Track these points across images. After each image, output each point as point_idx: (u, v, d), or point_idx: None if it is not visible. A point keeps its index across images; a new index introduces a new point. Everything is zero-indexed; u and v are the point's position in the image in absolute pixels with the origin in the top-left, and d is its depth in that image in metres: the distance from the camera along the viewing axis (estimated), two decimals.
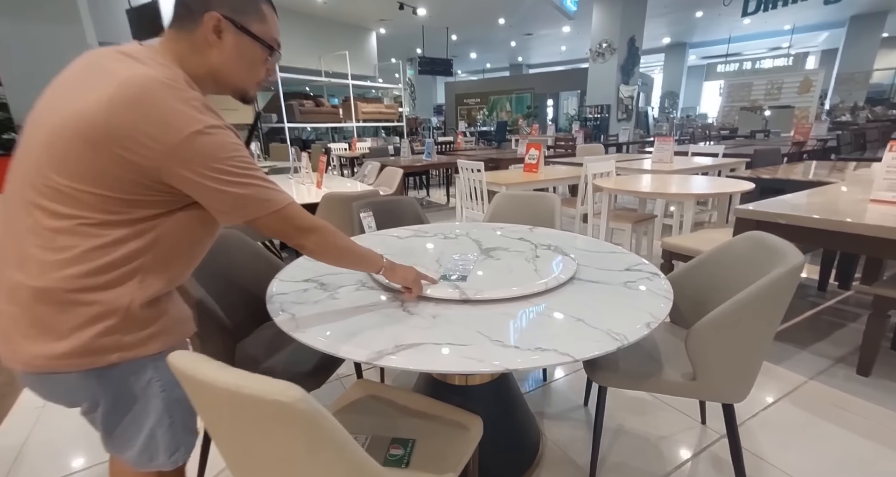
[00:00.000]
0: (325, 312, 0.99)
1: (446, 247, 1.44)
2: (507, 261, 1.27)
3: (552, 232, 1.66)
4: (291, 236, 0.86)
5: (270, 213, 0.80)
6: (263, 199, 0.79)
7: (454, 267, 1.21)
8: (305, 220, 0.86)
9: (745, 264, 1.22)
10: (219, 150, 0.73)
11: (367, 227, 1.94)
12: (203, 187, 0.74)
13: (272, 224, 0.82)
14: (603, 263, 1.28)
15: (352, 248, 0.96)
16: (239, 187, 0.75)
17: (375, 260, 1.01)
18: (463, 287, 1.06)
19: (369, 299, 1.05)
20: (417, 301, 1.03)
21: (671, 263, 2.39)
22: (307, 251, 0.89)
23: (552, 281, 1.09)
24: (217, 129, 0.73)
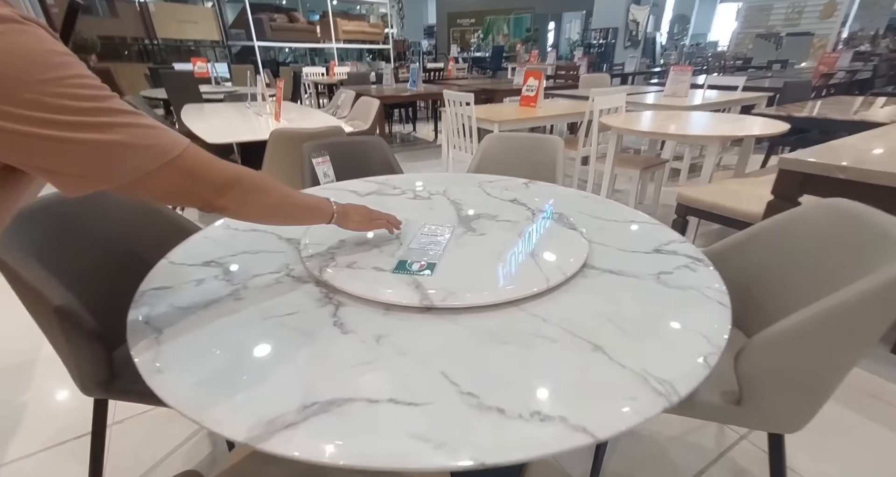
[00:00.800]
0: (215, 326, 0.65)
1: (415, 212, 1.08)
2: (494, 238, 0.92)
3: (554, 189, 1.30)
4: (198, 196, 0.60)
5: (159, 168, 0.53)
6: (142, 145, 0.50)
7: (419, 248, 0.87)
8: (216, 170, 0.60)
9: (825, 247, 0.89)
10: (39, 67, 0.42)
11: (321, 175, 1.55)
12: (21, 138, 0.42)
13: (164, 183, 0.55)
14: (623, 240, 0.94)
15: (288, 198, 0.72)
16: (95, 131, 0.46)
17: (321, 207, 0.79)
18: (427, 285, 0.73)
19: (289, 302, 0.72)
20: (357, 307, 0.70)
21: (685, 218, 2.06)
22: (228, 213, 0.64)
23: (555, 273, 0.76)
24: (18, 28, 0.38)
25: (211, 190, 0.60)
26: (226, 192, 0.62)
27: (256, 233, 0.99)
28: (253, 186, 0.65)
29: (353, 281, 0.74)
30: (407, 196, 1.19)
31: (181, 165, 0.55)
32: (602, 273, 0.81)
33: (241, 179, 0.63)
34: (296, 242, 0.93)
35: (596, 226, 1.02)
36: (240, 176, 0.63)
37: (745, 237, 1.03)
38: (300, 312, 0.69)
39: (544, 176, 1.59)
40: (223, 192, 0.61)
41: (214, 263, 0.85)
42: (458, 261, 0.82)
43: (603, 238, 0.95)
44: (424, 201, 1.15)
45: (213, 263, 0.85)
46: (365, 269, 0.78)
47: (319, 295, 0.74)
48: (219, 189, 0.61)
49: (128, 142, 0.48)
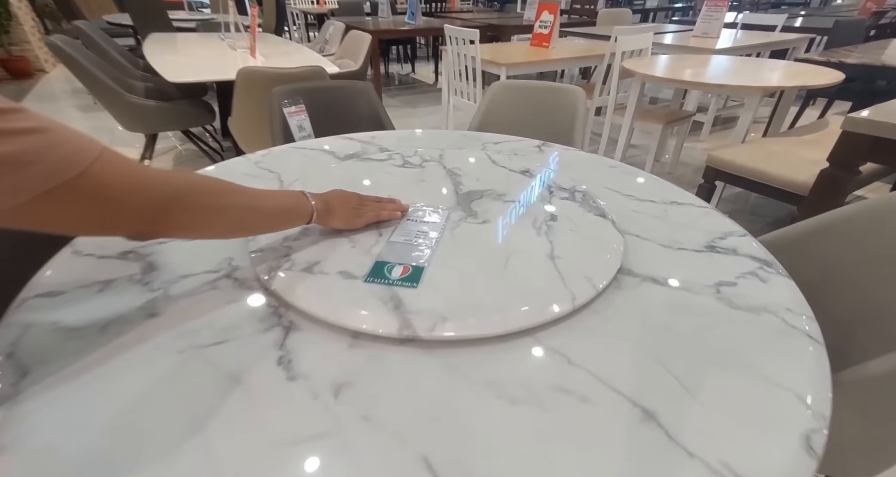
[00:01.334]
0: (108, 365, 0.47)
1: (402, 186, 0.86)
2: (500, 227, 0.71)
3: (575, 156, 1.07)
4: (120, 227, 0.44)
5: (49, 192, 0.36)
6: (17, 161, 0.34)
7: (404, 242, 0.66)
8: (142, 189, 0.43)
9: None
10: None
11: (295, 129, 1.30)
12: None
13: (60, 213, 0.38)
14: (665, 231, 0.73)
15: (252, 208, 0.55)
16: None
17: (296, 208, 0.61)
18: (410, 303, 0.53)
19: (222, 321, 0.52)
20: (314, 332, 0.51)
21: (712, 184, 1.83)
22: (176, 235, 0.49)
23: (582, 285, 0.57)
24: None
25: (137, 217, 0.42)
26: (161, 218, 0.44)
27: None
28: (200, 205, 0.48)
29: (311, 293, 0.55)
30: (394, 162, 0.96)
31: (86, 187, 0.38)
32: (642, 282, 0.61)
33: (182, 198, 0.46)
34: None
35: (629, 208, 0.81)
36: (180, 193, 0.46)
37: (813, 228, 0.82)
38: (235, 340, 0.50)
39: (560, 135, 1.34)
40: (157, 219, 0.44)
41: (134, 254, 0.65)
42: (454, 264, 0.61)
43: (640, 227, 0.75)
44: (415, 171, 0.92)
45: (133, 254, 0.65)
46: (329, 274, 0.59)
47: (266, 311, 0.54)
48: (149, 215, 0.43)
49: (19, 154, 0.33)
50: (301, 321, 0.53)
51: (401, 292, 0.55)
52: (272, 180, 0.89)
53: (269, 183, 0.88)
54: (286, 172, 0.93)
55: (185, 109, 2.22)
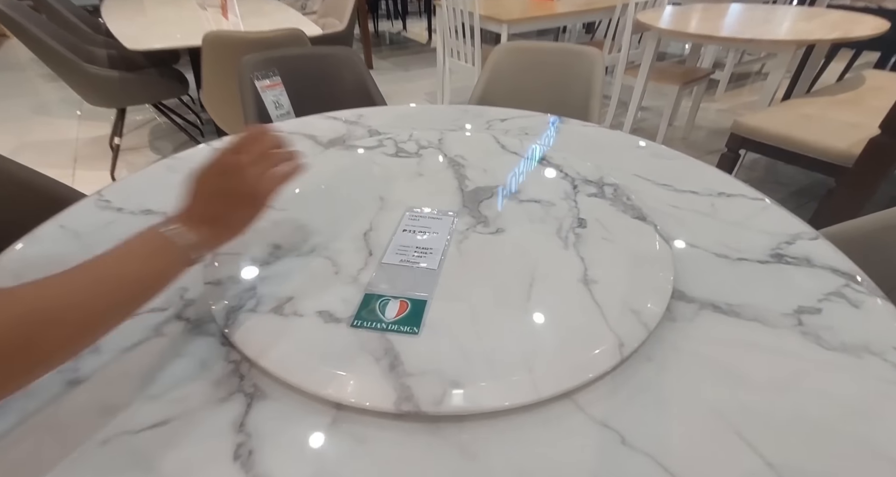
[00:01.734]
0: (5, 462, 0.35)
1: (396, 184, 0.71)
2: (518, 240, 0.57)
3: (597, 135, 0.91)
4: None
5: None
6: None
7: (399, 263, 0.53)
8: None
9: None
10: None
11: (271, 105, 1.14)
12: None
13: None
14: (718, 234, 0.60)
15: (89, 302, 0.34)
16: None
17: (153, 259, 0.39)
18: (409, 361, 0.41)
19: (164, 389, 0.40)
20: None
21: (736, 153, 1.67)
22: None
23: (628, 323, 0.44)
24: None
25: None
26: None
27: (148, 217, 0.64)
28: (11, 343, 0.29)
29: (281, 346, 0.42)
30: (385, 150, 0.80)
31: None
32: (700, 311, 0.49)
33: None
34: None
35: (667, 202, 0.67)
36: None
37: (891, 221, 0.68)
38: (179, 418, 0.38)
39: (575, 106, 1.17)
40: None
41: None
42: (464, 295, 0.48)
43: (685, 229, 0.61)
44: (411, 161, 0.77)
45: None
46: (305, 316, 0.46)
47: (223, 369, 0.42)
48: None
49: None
50: (268, 385, 0.40)
51: (398, 342, 0.43)
52: None
53: None
54: None
55: (154, 80, 2.01)
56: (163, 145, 2.39)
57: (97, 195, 0.70)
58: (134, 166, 2.19)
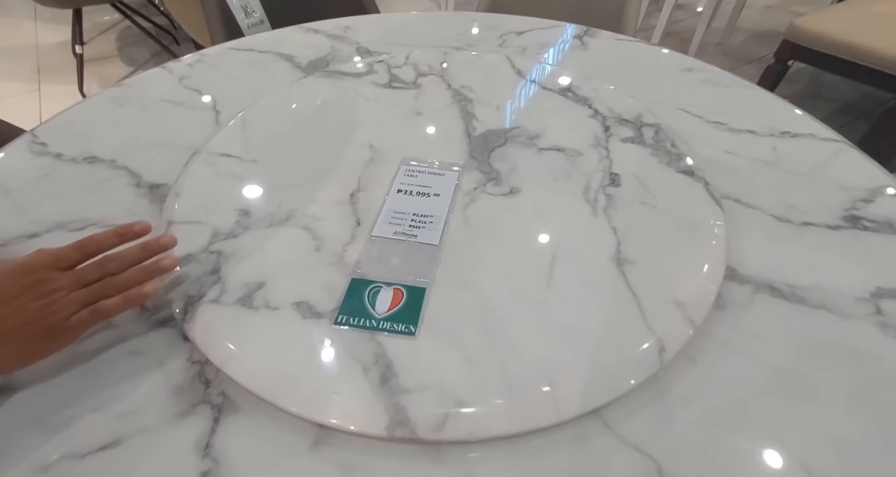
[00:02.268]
0: None
1: (388, 127, 0.59)
2: (536, 204, 0.47)
3: (631, 52, 0.74)
4: None
5: None
6: None
7: (392, 236, 0.44)
8: None
9: None
10: None
11: (239, 13, 0.95)
12: None
13: None
14: (776, 185, 0.49)
15: None
16: None
17: None
18: (403, 374, 0.33)
19: (117, 389, 0.33)
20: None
21: (785, 65, 1.45)
22: None
23: (671, 320, 0.36)
24: None
25: None
26: None
27: (93, 167, 0.53)
28: None
29: (250, 352, 0.35)
30: (376, 79, 0.66)
31: None
32: (755, 294, 0.40)
33: None
34: (164, 194, 0.49)
35: (719, 145, 0.55)
36: None
37: None
38: (132, 438, 0.32)
39: (605, 12, 0.97)
40: None
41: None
42: (470, 279, 0.40)
43: (739, 183, 0.50)
44: (407, 93, 0.63)
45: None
46: (280, 309, 0.38)
47: (185, 374, 0.35)
48: None
49: None
50: (239, 393, 0.34)
51: (391, 346, 0.35)
52: (204, 112, 0.62)
53: (200, 117, 0.61)
54: (223, 98, 0.65)
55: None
56: (137, 53, 2.14)
57: (30, 136, 0.59)
58: (105, 80, 1.98)
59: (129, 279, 0.34)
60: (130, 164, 0.55)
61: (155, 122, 0.61)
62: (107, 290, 0.33)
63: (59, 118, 0.62)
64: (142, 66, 2.09)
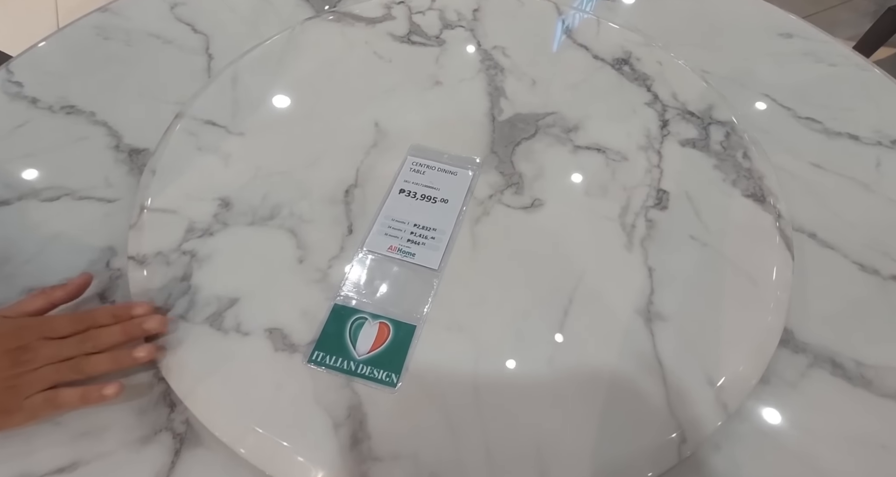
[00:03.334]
0: None
1: (398, 101, 0.48)
2: (561, 231, 0.39)
3: (714, 5, 0.58)
4: None
5: None
6: None
7: (387, 256, 0.37)
8: None
9: None
10: None
11: None
12: None
13: None
14: (869, 218, 0.39)
15: None
16: None
17: None
18: (377, 436, 0.29)
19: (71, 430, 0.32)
20: None
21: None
22: None
23: (699, 406, 0.30)
24: None
25: None
26: None
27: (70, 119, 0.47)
28: None
29: (214, 388, 0.32)
30: (393, 28, 0.53)
31: None
32: (812, 369, 0.33)
33: None
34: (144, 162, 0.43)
35: (807, 153, 0.44)
36: None
37: None
38: (90, 463, 0.30)
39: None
40: None
41: None
42: (466, 325, 0.34)
43: (824, 215, 0.40)
44: (427, 52, 0.51)
45: None
46: (250, 334, 0.33)
47: (149, 393, 0.33)
48: None
49: None
50: (201, 427, 0.31)
51: (367, 398, 0.31)
52: (195, 56, 0.54)
53: (190, 61, 0.53)
54: (218, 38, 0.55)
55: None
56: None
57: (5, 71, 0.52)
58: None
59: (98, 365, 0.31)
60: (111, 119, 0.48)
61: (140, 65, 0.53)
62: (73, 373, 0.30)
63: (38, 50, 0.55)
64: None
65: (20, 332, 0.30)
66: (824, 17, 1.50)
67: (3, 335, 0.30)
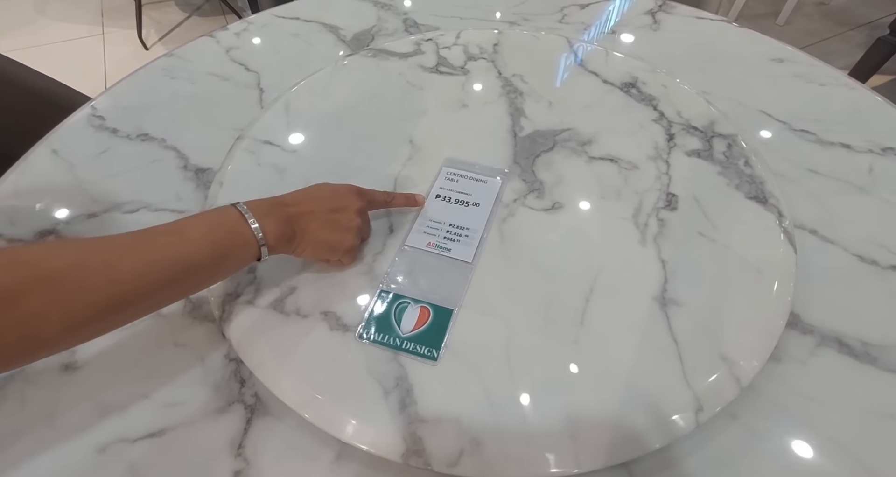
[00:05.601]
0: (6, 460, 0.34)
1: (431, 121, 0.55)
2: (580, 228, 0.43)
3: (710, 34, 0.65)
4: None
5: None
6: None
7: (424, 247, 0.42)
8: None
9: None
10: None
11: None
12: None
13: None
14: (866, 216, 0.43)
15: (136, 275, 0.28)
16: None
17: (223, 239, 0.32)
18: (422, 402, 0.33)
19: (163, 378, 0.36)
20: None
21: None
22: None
23: (714, 379, 0.33)
24: None
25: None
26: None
27: (145, 145, 0.55)
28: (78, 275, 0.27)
29: (279, 360, 0.36)
30: (424, 61, 0.61)
31: None
32: (821, 348, 0.36)
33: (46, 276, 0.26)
34: (209, 179, 0.50)
35: (803, 160, 0.49)
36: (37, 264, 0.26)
37: None
38: (176, 429, 0.35)
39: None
40: None
41: (53, 234, 0.47)
42: (498, 307, 0.38)
43: (823, 214, 0.44)
44: (454, 80, 0.58)
45: (51, 234, 0.47)
46: (308, 317, 0.38)
47: (222, 371, 0.37)
48: None
49: None
50: (270, 397, 0.36)
51: (412, 370, 0.35)
52: (248, 90, 0.61)
53: (245, 95, 0.61)
54: (267, 75, 0.63)
55: None
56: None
57: (91, 109, 0.60)
58: (161, 26, 2.00)
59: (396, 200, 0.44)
60: (179, 144, 0.55)
61: (202, 99, 0.61)
62: None
63: (116, 89, 0.63)
64: (196, 11, 2.10)
65: (363, 196, 0.40)
66: (818, 48, 1.57)
67: (353, 189, 0.40)
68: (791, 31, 1.78)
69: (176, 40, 1.91)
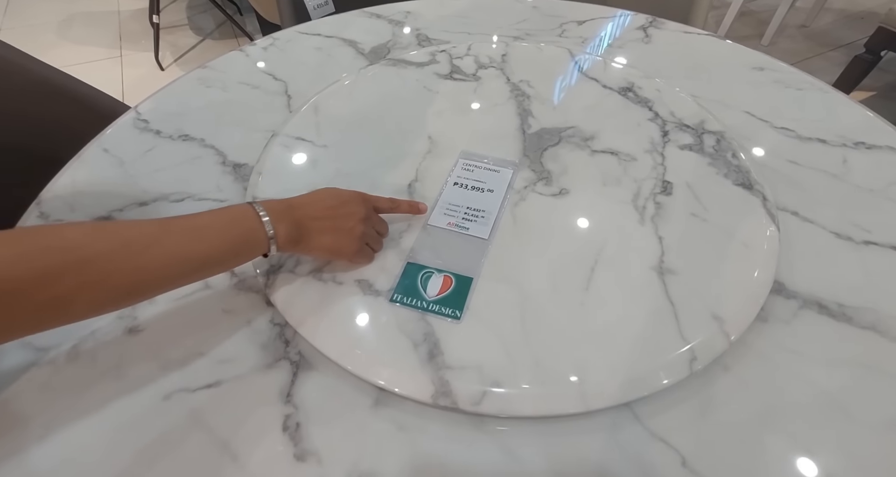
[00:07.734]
0: (81, 409, 0.37)
1: (446, 120, 0.61)
2: (583, 205, 0.49)
3: (699, 47, 0.72)
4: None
5: None
6: None
7: (446, 227, 0.47)
8: None
9: None
10: None
11: (311, 2, 0.99)
12: None
13: None
14: (840, 200, 0.48)
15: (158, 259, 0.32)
16: None
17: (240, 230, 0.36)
18: (448, 352, 0.37)
19: (216, 346, 0.40)
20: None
21: (877, 55, 1.32)
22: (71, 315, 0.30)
23: (706, 333, 0.38)
24: None
25: None
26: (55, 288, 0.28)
27: (186, 144, 0.60)
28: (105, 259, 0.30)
29: (319, 319, 0.40)
30: (438, 69, 0.68)
31: None
32: (801, 310, 0.41)
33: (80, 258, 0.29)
34: (245, 173, 0.55)
35: (783, 154, 0.54)
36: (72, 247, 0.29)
37: None
38: (230, 381, 0.39)
39: (677, 9, 0.92)
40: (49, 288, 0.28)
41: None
42: (512, 275, 0.43)
43: (800, 195, 0.49)
44: (467, 85, 0.65)
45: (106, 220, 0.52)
46: (344, 284, 0.43)
47: (269, 332, 0.42)
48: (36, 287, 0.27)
49: None
50: (312, 354, 0.40)
51: (438, 327, 0.40)
52: (277, 96, 0.68)
53: (274, 101, 0.67)
54: (293, 81, 0.70)
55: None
56: (203, 22, 2.25)
57: (135, 113, 0.66)
58: (176, 49, 2.10)
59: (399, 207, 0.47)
60: (217, 143, 0.61)
61: (235, 104, 0.67)
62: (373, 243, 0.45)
63: (156, 97, 0.69)
64: (208, 35, 2.20)
65: (367, 202, 0.43)
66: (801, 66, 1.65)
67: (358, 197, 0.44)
68: (775, 51, 1.88)
69: (190, 62, 2.00)
